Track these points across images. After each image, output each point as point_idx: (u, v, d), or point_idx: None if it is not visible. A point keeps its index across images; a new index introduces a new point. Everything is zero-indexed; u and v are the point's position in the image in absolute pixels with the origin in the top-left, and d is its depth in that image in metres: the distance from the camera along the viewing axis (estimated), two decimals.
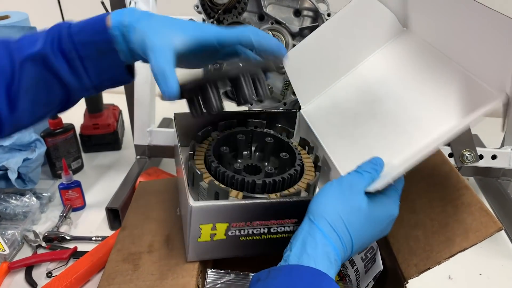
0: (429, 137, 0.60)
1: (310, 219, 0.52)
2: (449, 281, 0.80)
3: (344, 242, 0.51)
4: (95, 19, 0.59)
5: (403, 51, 0.73)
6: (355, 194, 0.53)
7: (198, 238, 0.60)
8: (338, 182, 0.55)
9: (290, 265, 0.50)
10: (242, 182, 0.62)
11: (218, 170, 0.64)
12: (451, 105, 0.60)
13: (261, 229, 0.61)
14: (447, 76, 0.63)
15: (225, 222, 0.59)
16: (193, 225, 0.58)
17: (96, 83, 0.60)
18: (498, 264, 0.84)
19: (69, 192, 0.94)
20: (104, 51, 0.58)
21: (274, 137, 0.75)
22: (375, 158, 0.59)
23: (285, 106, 0.90)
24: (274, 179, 0.63)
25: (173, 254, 0.66)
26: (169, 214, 0.76)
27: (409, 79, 0.69)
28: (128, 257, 0.66)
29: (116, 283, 0.62)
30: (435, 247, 0.55)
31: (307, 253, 0.49)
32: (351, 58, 0.77)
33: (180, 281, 0.61)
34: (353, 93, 0.76)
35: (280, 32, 0.87)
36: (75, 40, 0.57)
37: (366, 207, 0.53)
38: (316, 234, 0.51)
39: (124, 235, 0.72)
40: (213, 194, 0.62)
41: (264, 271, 0.51)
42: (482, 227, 0.52)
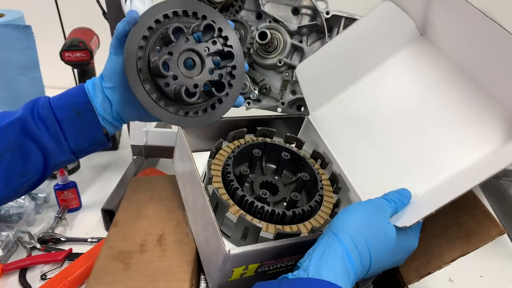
0: (455, 168, 0.58)
1: (334, 233, 0.52)
2: (449, 283, 0.79)
3: (363, 261, 0.51)
4: (74, 88, 0.67)
5: (419, 61, 0.70)
6: (382, 219, 0.53)
7: (228, 279, 0.58)
8: (367, 204, 0.55)
9: (305, 279, 0.49)
10: (272, 214, 0.61)
11: (245, 200, 0.62)
12: (477, 132, 0.59)
13: (289, 262, 0.61)
14: (468, 97, 0.62)
15: (258, 262, 0.58)
16: (226, 269, 0.56)
17: (74, 145, 0.64)
18: (499, 266, 0.82)
19: (65, 193, 0.92)
20: (82, 112, 0.63)
21: (289, 151, 0.73)
22: (404, 190, 0.59)
23: (283, 106, 0.88)
24: (303, 209, 0.62)
25: (166, 256, 0.65)
26: (162, 213, 0.75)
27: (428, 96, 0.66)
28: (118, 256, 0.65)
29: (106, 282, 0.61)
30: (436, 251, 0.54)
31: (328, 265, 0.49)
32: (365, 63, 0.75)
33: (173, 285, 0.59)
34: (367, 103, 0.74)
35: (278, 30, 0.85)
36: (53, 105, 0.62)
37: (391, 235, 0.52)
38: (337, 248, 0.50)
39: (115, 232, 0.70)
40: (242, 228, 0.60)
41: (273, 282, 0.49)
42: (484, 230, 0.51)
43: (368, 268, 0.52)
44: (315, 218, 0.64)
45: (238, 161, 0.72)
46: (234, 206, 0.62)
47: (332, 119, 0.77)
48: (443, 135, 0.62)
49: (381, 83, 0.73)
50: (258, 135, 0.77)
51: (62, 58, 0.99)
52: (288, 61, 0.86)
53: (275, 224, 0.61)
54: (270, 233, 0.60)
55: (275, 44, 0.85)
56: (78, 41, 0.98)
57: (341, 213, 0.56)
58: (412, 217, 0.52)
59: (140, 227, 0.71)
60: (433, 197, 0.55)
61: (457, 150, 0.60)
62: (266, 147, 0.74)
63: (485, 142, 0.58)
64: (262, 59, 0.86)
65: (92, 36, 1.05)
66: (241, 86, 0.73)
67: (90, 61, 1.02)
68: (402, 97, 0.69)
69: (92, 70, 1.09)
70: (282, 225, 0.61)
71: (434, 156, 0.61)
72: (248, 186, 0.70)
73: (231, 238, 0.63)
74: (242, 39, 0.85)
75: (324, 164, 0.73)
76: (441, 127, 0.63)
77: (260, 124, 0.78)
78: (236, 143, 0.74)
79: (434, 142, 0.62)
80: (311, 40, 0.87)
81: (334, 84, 0.77)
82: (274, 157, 0.74)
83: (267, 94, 0.89)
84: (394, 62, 0.73)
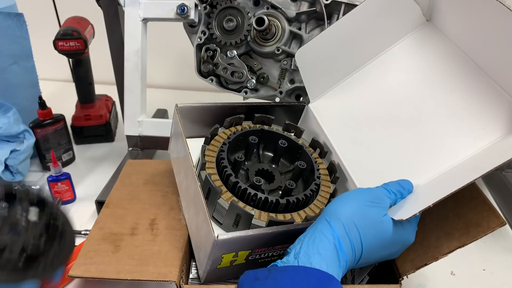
0: (458, 158, 0.56)
1: (326, 220, 0.51)
2: (451, 277, 0.77)
3: (355, 251, 0.50)
4: None
5: (425, 48, 0.68)
6: (380, 210, 0.51)
7: (218, 265, 0.57)
8: (366, 193, 0.53)
9: (295, 266, 0.48)
10: (266, 201, 0.59)
11: (238, 186, 0.60)
12: (481, 122, 0.56)
13: (281, 251, 0.59)
14: (473, 85, 0.59)
15: (248, 249, 0.57)
16: (215, 255, 0.55)
17: None
18: (502, 260, 0.80)
19: (58, 185, 0.91)
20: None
21: (287, 139, 0.71)
22: (405, 182, 0.56)
23: (281, 95, 0.86)
24: (298, 198, 0.60)
25: (157, 240, 0.64)
26: (156, 197, 0.73)
27: (432, 83, 0.64)
28: (109, 237, 0.64)
29: (94, 262, 0.60)
30: (433, 242, 0.52)
31: (319, 253, 0.48)
32: (368, 50, 0.72)
33: (162, 270, 0.58)
34: (369, 91, 0.71)
35: (276, 17, 0.83)
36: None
37: (387, 227, 0.51)
38: (329, 236, 0.49)
39: (106, 213, 0.69)
40: (234, 215, 0.59)
41: (263, 270, 0.49)
42: (484, 221, 0.49)
43: (359, 257, 0.50)
44: (310, 207, 0.62)
45: (234, 148, 0.70)
46: (226, 192, 0.60)
47: (333, 107, 0.74)
48: (446, 124, 0.60)
49: (384, 71, 0.71)
50: (256, 122, 0.75)
51: (56, 47, 0.97)
52: (287, 49, 0.83)
53: (269, 212, 0.59)
54: (263, 220, 0.58)
55: (273, 31, 0.83)
56: (71, 30, 0.96)
57: (336, 200, 0.54)
58: (409, 210, 0.50)
59: (132, 210, 0.70)
60: (432, 189, 0.53)
61: (460, 140, 0.57)
62: (263, 135, 0.72)
63: (490, 132, 0.55)
64: (260, 47, 0.84)
65: (86, 25, 1.03)
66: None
67: (85, 51, 1.00)
68: (405, 85, 0.67)
69: (87, 60, 1.06)
70: (275, 213, 0.59)
71: (436, 146, 0.59)
72: (244, 174, 0.68)
73: (223, 225, 0.61)
74: (239, 26, 0.83)
75: (323, 153, 0.71)
76: (445, 116, 0.60)
77: (259, 111, 0.76)
78: (233, 129, 0.72)
79: (436, 131, 0.60)
80: (310, 27, 0.84)
81: (335, 71, 0.75)
82: (272, 145, 0.72)
83: (265, 83, 0.86)
84: (398, 49, 0.71)
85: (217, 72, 0.85)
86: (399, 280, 0.54)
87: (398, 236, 0.51)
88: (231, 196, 0.60)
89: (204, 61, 0.86)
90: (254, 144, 0.70)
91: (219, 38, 0.84)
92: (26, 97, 0.99)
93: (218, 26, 0.84)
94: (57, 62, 1.14)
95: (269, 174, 0.69)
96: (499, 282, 0.75)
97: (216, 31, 0.84)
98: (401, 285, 0.53)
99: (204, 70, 0.86)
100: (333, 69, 0.74)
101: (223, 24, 0.83)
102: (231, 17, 0.83)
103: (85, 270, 0.59)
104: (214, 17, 0.84)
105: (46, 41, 0.98)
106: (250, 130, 0.71)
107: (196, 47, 0.86)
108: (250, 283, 0.48)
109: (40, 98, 0.95)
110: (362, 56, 0.73)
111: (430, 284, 0.76)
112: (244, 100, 0.88)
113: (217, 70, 0.85)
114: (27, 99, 0.98)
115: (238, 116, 0.73)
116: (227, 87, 0.87)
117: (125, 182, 0.77)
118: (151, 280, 0.57)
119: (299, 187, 0.69)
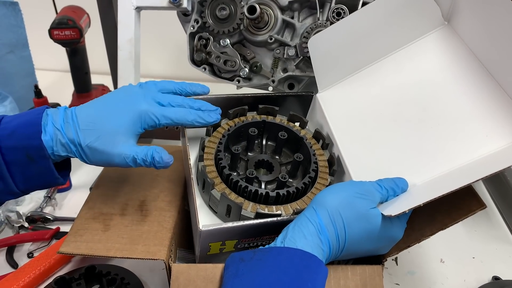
0: (456, 163, 0.56)
1: (313, 208, 0.52)
2: (441, 264, 0.78)
3: (339, 238, 0.50)
4: (29, 120, 0.56)
5: (440, 50, 0.67)
6: (367, 202, 0.52)
7: (207, 252, 0.59)
8: (356, 185, 0.54)
9: (279, 247, 0.49)
10: (256, 193, 0.60)
11: (230, 179, 0.62)
12: (485, 129, 0.57)
13: (269, 240, 0.60)
14: (482, 92, 0.59)
15: (235, 239, 0.58)
16: (202, 243, 0.57)
17: (24, 187, 0.57)
18: (492, 248, 0.81)
19: None
20: (34, 158, 0.55)
21: (288, 130, 0.71)
22: (400, 180, 0.57)
23: (273, 83, 0.86)
24: (288, 191, 0.61)
25: (146, 221, 0.65)
26: (146, 180, 0.74)
27: (442, 86, 0.64)
28: (99, 217, 0.65)
29: (84, 240, 0.61)
30: (416, 225, 0.53)
31: (305, 237, 0.49)
32: (382, 46, 0.72)
33: (151, 249, 0.59)
34: (378, 87, 0.71)
35: (269, 5, 0.83)
36: (3, 145, 0.54)
37: (373, 220, 0.51)
38: (314, 222, 0.50)
39: (96, 194, 0.70)
40: (225, 205, 0.61)
41: (248, 251, 0.50)
42: (465, 205, 0.50)
43: (343, 247, 0.51)
44: (303, 199, 0.62)
45: (237, 139, 0.72)
46: (221, 184, 0.62)
47: (340, 99, 0.74)
48: (450, 128, 0.60)
49: (396, 69, 0.71)
50: (260, 113, 0.75)
51: (51, 36, 0.97)
52: (279, 38, 0.83)
53: (260, 204, 0.61)
54: (252, 212, 0.59)
55: (266, 20, 0.83)
56: (67, 19, 0.97)
57: (325, 189, 0.55)
58: (399, 207, 0.51)
59: (122, 191, 0.71)
60: (426, 190, 0.53)
61: (461, 145, 0.58)
62: (265, 126, 0.73)
63: (492, 140, 0.56)
64: (253, 36, 0.84)
65: (82, 14, 1.03)
66: None
67: (80, 40, 1.00)
68: (415, 86, 0.67)
69: (83, 49, 1.07)
70: (267, 205, 0.61)
71: (437, 149, 0.59)
72: (244, 165, 0.69)
73: (218, 213, 0.63)
74: (231, 15, 0.83)
75: (325, 145, 0.71)
76: (450, 120, 0.61)
77: (266, 101, 0.76)
78: (236, 120, 0.73)
79: (440, 134, 0.61)
80: (302, 16, 0.84)
81: (347, 64, 0.74)
82: (274, 136, 0.72)
83: (258, 72, 0.87)
84: (412, 49, 0.70)
85: (210, 61, 0.85)
86: (382, 261, 0.55)
87: (385, 231, 0.52)
88: (224, 188, 0.62)
89: (197, 50, 0.87)
90: (254, 135, 0.70)
91: (212, 27, 0.84)
92: (23, 86, 1.00)
93: (211, 15, 0.84)
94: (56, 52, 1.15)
95: (269, 165, 0.70)
96: (488, 270, 0.76)
97: (209, 19, 0.84)
98: (383, 265, 0.54)
99: (197, 59, 0.86)
100: (345, 61, 0.74)
101: (216, 13, 0.84)
102: (223, 5, 0.83)
103: (75, 247, 0.60)
104: (207, 6, 0.84)
105: (44, 31, 0.98)
106: (251, 122, 0.72)
107: (189, 35, 0.86)
108: (235, 265, 0.49)
109: (36, 87, 0.96)
110: (376, 52, 0.73)
111: (420, 271, 0.76)
112: (237, 89, 0.89)
113: (210, 58, 0.85)
114: (24, 88, 1.00)
115: (242, 107, 0.74)
116: (220, 75, 0.87)
117: None
118: (140, 258, 0.58)
119: (299, 178, 0.69)
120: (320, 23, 0.80)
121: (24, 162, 0.55)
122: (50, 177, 0.57)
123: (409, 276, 0.75)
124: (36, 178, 0.57)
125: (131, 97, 0.62)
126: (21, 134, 0.54)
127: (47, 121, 0.57)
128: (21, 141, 0.54)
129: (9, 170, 0.55)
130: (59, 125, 0.57)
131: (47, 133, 0.56)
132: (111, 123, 0.58)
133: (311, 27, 0.81)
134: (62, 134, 0.56)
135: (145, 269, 0.75)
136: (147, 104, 0.61)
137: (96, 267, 0.69)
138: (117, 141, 0.58)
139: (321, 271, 0.47)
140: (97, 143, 0.57)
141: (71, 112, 0.59)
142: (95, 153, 0.58)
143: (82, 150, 0.57)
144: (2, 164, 0.54)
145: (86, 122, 0.58)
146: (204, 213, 0.64)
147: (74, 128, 0.57)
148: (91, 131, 0.57)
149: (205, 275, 0.53)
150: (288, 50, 0.83)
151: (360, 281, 0.53)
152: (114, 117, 0.59)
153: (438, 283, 0.74)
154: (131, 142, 0.60)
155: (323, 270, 0.48)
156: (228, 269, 0.50)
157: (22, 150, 0.54)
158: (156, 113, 0.61)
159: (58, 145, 0.56)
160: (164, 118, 0.62)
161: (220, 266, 0.53)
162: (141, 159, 0.59)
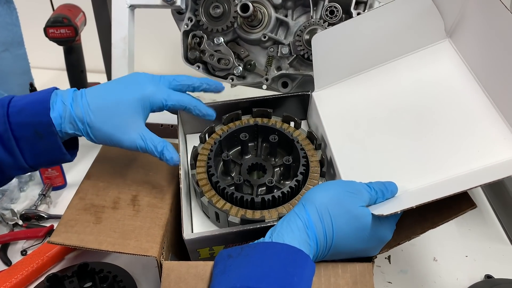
0: (448, 173, 0.57)
1: (302, 204, 0.53)
2: (433, 262, 0.78)
3: (326, 235, 0.51)
4: (38, 98, 0.59)
5: (438, 63, 0.68)
6: (355, 200, 0.52)
7: (198, 257, 0.62)
8: (345, 183, 0.55)
9: (266, 242, 0.49)
10: (241, 199, 0.62)
11: (218, 186, 0.63)
12: (476, 144, 0.58)
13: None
14: (476, 109, 0.60)
15: (222, 244, 0.60)
16: (190, 250, 0.60)
17: (32, 163, 0.60)
18: (485, 247, 0.81)
19: (49, 170, 0.92)
20: (43, 134, 0.57)
21: (279, 133, 0.71)
22: (390, 184, 0.57)
23: (267, 82, 0.86)
24: (274, 196, 0.61)
25: (139, 216, 0.65)
26: (138, 174, 0.73)
27: (437, 98, 0.65)
28: (90, 208, 0.65)
29: (75, 232, 0.60)
30: (407, 224, 0.53)
31: (293, 232, 0.49)
32: (383, 52, 0.72)
33: (143, 245, 0.59)
34: (374, 93, 0.71)
35: (262, 3, 0.83)
36: (12, 120, 0.56)
37: (361, 218, 0.51)
38: (303, 218, 0.51)
39: (88, 185, 0.69)
40: (213, 212, 0.62)
41: (236, 248, 0.50)
42: (456, 204, 0.50)
43: (330, 245, 0.51)
44: (291, 203, 0.63)
45: (231, 144, 0.73)
46: (211, 191, 0.64)
47: (336, 101, 0.74)
48: (443, 140, 0.61)
49: (394, 76, 0.71)
50: (255, 116, 0.75)
51: (47, 34, 0.97)
52: (273, 36, 0.83)
53: (247, 209, 0.62)
54: (238, 217, 0.60)
55: (259, 18, 0.83)
56: (62, 17, 0.97)
57: (315, 187, 0.56)
58: (391, 208, 0.51)
59: (114, 183, 0.70)
60: (418, 194, 0.54)
61: (452, 157, 0.59)
62: (258, 129, 0.73)
63: (483, 155, 0.57)
64: (246, 34, 0.84)
65: (77, 12, 1.03)
66: None
67: (75, 38, 1.00)
68: (411, 95, 0.68)
69: (78, 47, 1.07)
70: (253, 210, 0.62)
71: (428, 158, 0.60)
72: (238, 169, 0.70)
73: (210, 219, 0.66)
74: (225, 13, 0.83)
75: (317, 147, 0.71)
76: (442, 131, 0.62)
77: (263, 105, 0.76)
78: (231, 125, 0.73)
79: (431, 144, 0.61)
80: (296, 14, 0.84)
81: (346, 65, 0.74)
82: (267, 138, 0.72)
83: (251, 70, 0.87)
84: (412, 59, 0.71)
85: (203, 59, 0.86)
86: (372, 258, 0.55)
87: (374, 230, 0.52)
88: (213, 195, 0.64)
89: (191, 48, 0.87)
90: (245, 140, 0.71)
91: (206, 25, 0.84)
92: (18, 84, 1.00)
93: (204, 13, 0.84)
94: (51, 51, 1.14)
95: (263, 168, 0.70)
96: (480, 268, 0.76)
97: (202, 17, 0.84)
98: (373, 263, 0.54)
99: (191, 57, 0.86)
100: (345, 62, 0.74)
101: (210, 11, 0.84)
102: (217, 3, 0.83)
103: (66, 238, 0.59)
104: (200, 4, 0.84)
105: (40, 30, 0.98)
106: (243, 126, 0.72)
107: (183, 33, 0.86)
108: (223, 261, 0.49)
109: (31, 85, 0.96)
110: (377, 57, 0.73)
111: (413, 270, 0.76)
112: (231, 87, 0.89)
113: (204, 57, 0.85)
114: (19, 86, 0.99)
115: (235, 112, 0.74)
116: (213, 74, 0.87)
117: (107, 155, 0.77)
118: (132, 253, 0.58)
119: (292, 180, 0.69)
120: (313, 21, 0.80)
121: (33, 138, 0.57)
122: (58, 153, 0.60)
123: (402, 274, 0.75)
124: (45, 154, 0.59)
125: (139, 80, 0.65)
126: (30, 111, 0.57)
127: (56, 99, 0.59)
128: (30, 117, 0.57)
129: (18, 146, 0.57)
130: (68, 103, 0.59)
131: (55, 110, 0.58)
132: (119, 103, 0.61)
133: (304, 25, 0.81)
134: (71, 112, 0.59)
135: (138, 267, 0.75)
136: (154, 86, 0.64)
137: (89, 264, 0.69)
138: (126, 123, 0.61)
139: (308, 266, 0.47)
140: (106, 124, 0.60)
141: (80, 93, 0.61)
142: (101, 133, 0.60)
143: (90, 128, 0.60)
144: (11, 139, 0.56)
145: (95, 102, 0.60)
146: (198, 218, 0.66)
147: (84, 107, 0.59)
148: (100, 110, 0.60)
149: (196, 273, 0.53)
150: (282, 48, 0.83)
151: (350, 279, 0.53)
152: (123, 97, 0.61)
153: (430, 282, 0.74)
154: (139, 124, 0.62)
155: (310, 265, 0.48)
156: (217, 266, 0.50)
157: (31, 126, 0.57)
158: (163, 94, 0.64)
159: (65, 123, 0.59)
160: (171, 100, 0.64)
161: (211, 263, 0.53)
162: (151, 150, 0.62)
